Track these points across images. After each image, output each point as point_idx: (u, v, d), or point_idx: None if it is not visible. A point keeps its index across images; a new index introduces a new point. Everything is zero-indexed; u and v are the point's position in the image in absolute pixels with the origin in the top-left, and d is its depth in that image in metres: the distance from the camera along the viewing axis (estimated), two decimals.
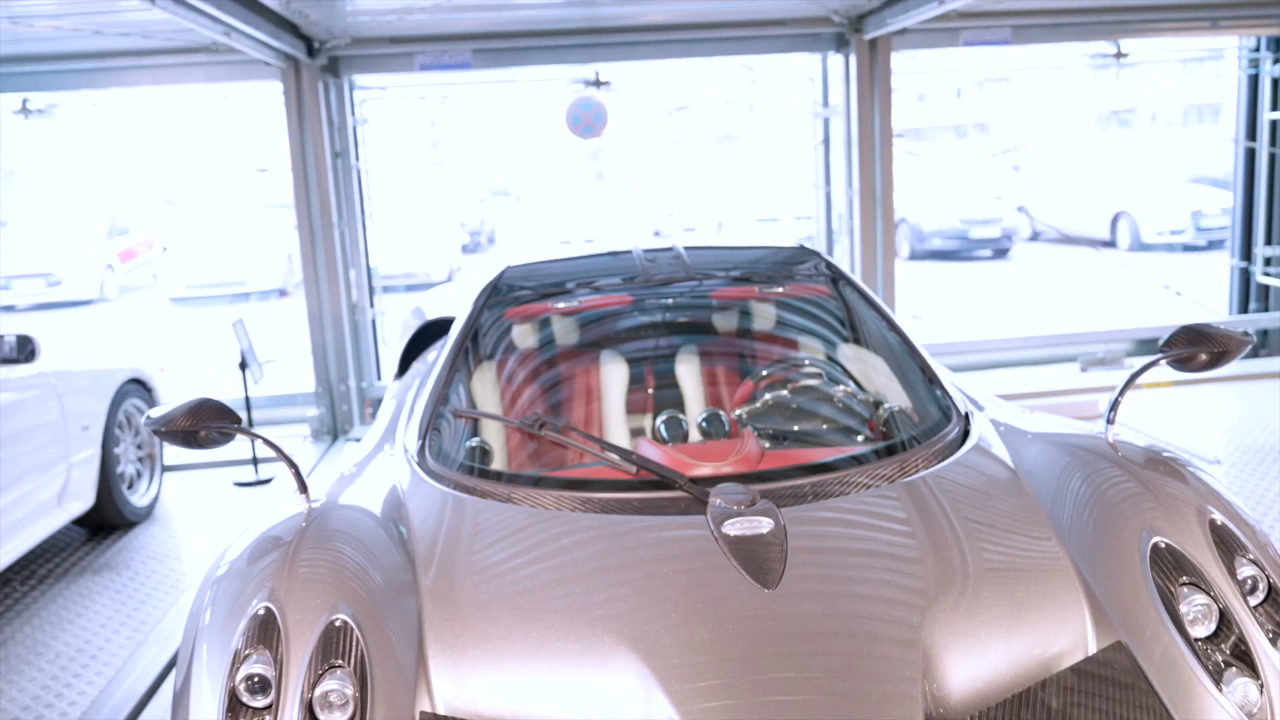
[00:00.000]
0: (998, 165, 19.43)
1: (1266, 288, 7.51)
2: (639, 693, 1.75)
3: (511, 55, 6.13)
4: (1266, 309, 7.48)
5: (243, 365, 5.53)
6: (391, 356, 6.48)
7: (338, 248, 6.05)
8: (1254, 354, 7.38)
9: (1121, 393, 2.44)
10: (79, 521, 4.76)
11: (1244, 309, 7.60)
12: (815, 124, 7.25)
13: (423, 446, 2.65)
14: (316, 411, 6.13)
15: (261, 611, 1.86)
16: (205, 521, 5.07)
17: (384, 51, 5.95)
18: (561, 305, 3.13)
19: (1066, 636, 1.89)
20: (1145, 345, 7.48)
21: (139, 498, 5.00)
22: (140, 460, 5.10)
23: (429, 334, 4.52)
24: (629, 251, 3.37)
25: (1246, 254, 7.62)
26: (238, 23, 4.38)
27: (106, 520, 4.78)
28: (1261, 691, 1.78)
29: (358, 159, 6.35)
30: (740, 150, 21.10)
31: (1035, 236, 16.00)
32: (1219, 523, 2.04)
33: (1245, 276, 7.63)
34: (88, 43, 5.41)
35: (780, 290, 3.21)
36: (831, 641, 1.82)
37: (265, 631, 1.82)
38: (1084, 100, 24.58)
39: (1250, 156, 7.55)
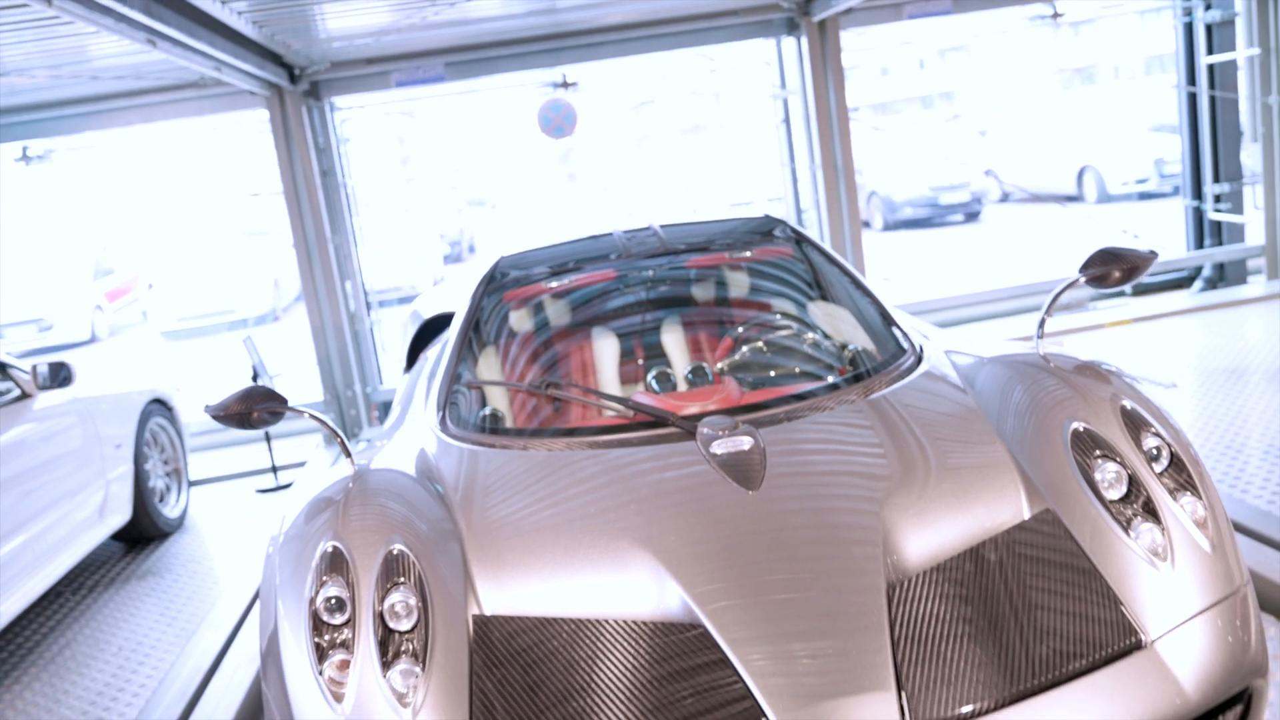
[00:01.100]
0: (964, 131, 19.89)
1: (1219, 223, 7.94)
2: (653, 585, 2.13)
3: (482, 65, 6.51)
4: (1220, 243, 7.91)
5: (254, 379, 5.89)
6: (392, 361, 6.85)
7: (333, 261, 6.42)
8: (1212, 286, 7.83)
9: (1047, 310, 2.85)
10: (116, 536, 5.12)
11: (1200, 245, 8.03)
12: (775, 105, 7.64)
13: (443, 417, 3.03)
14: (328, 417, 6.48)
15: (329, 549, 2.23)
16: (233, 528, 5.43)
17: (361, 72, 6.32)
18: (554, 285, 3.52)
19: (1004, 509, 2.29)
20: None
21: (170, 509, 5.35)
22: (168, 475, 5.46)
23: (430, 331, 4.90)
24: (610, 234, 3.76)
25: (1198, 193, 8.06)
26: (227, 57, 4.75)
27: (143, 533, 5.13)
28: (1164, 535, 2.18)
29: (343, 176, 6.72)
30: (707, 139, 21.50)
31: (1005, 198, 16.45)
32: (1129, 408, 2.44)
33: (1199, 215, 8.07)
34: (85, 88, 5.76)
35: (749, 255, 3.61)
36: (804, 532, 2.21)
37: (335, 563, 2.19)
38: (1044, 61, 25.08)
39: (1193, 101, 7.98)
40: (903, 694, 1.86)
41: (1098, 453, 2.33)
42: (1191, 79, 7.93)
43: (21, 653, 4.11)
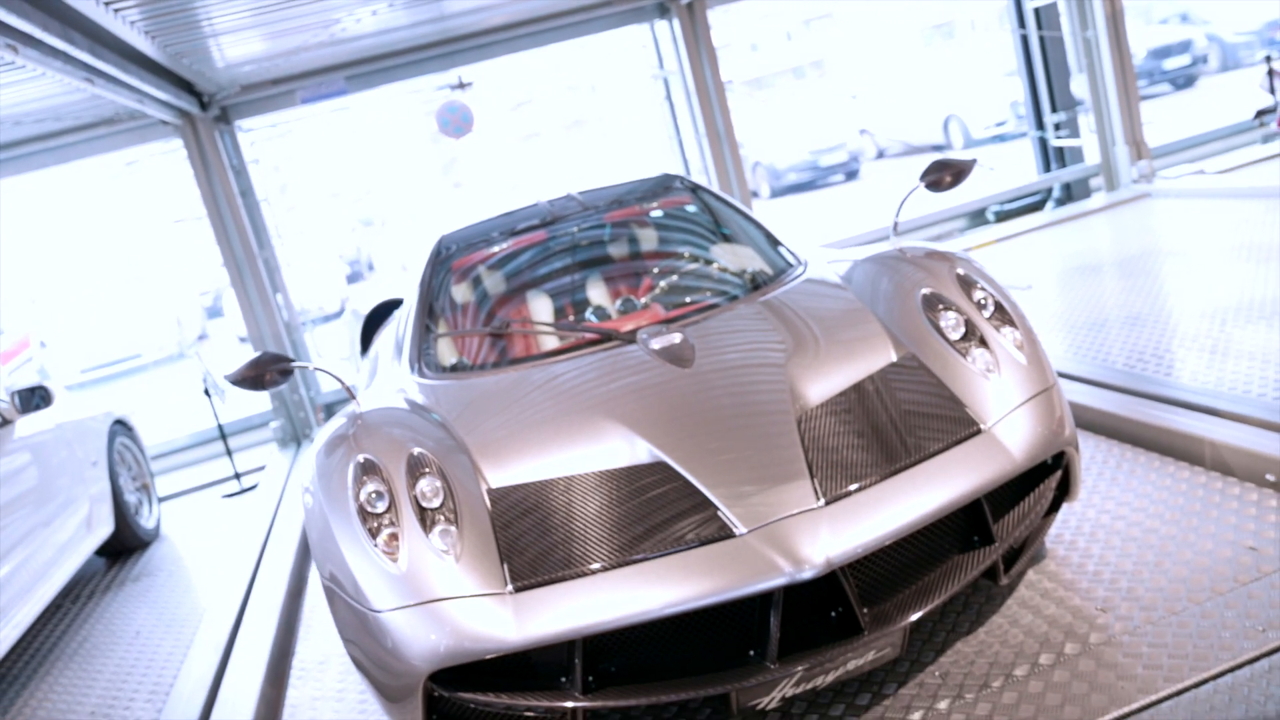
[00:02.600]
0: (836, 96, 21.06)
1: (1061, 149, 9.05)
2: (625, 445, 2.84)
3: (380, 75, 7.10)
4: (1064, 165, 9.02)
5: (206, 393, 6.37)
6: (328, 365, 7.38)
7: (263, 274, 6.92)
8: (1061, 203, 8.92)
9: (898, 213, 3.67)
10: (99, 551, 5.57)
11: (1047, 169, 9.13)
12: (656, 85, 8.42)
13: (418, 369, 3.68)
14: (278, 423, 7.01)
15: (361, 460, 2.87)
16: (207, 532, 5.92)
17: (268, 94, 6.84)
18: (495, 250, 4.20)
19: (877, 357, 3.08)
20: (974, 217, 8.93)
21: (146, 521, 5.82)
22: (138, 490, 5.91)
23: (374, 322, 5.52)
24: (535, 204, 4.45)
25: (1040, 125, 9.15)
26: (151, 89, 5.25)
27: (125, 544, 5.59)
28: (992, 356, 3.00)
29: (259, 194, 7.22)
30: (590, 131, 22.20)
31: (881, 154, 17.64)
32: (962, 273, 3.27)
33: (1043, 144, 9.17)
34: (5, 134, 6.13)
35: (656, 205, 4.35)
36: (732, 390, 2.96)
37: (368, 469, 2.84)
38: (905, 21, 26.56)
39: (1026, 43, 9.07)
40: (814, 480, 2.63)
41: (941, 307, 3.14)
42: (1022, 23, 9.02)
43: (44, 651, 4.59)
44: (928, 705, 2.68)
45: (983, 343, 3.06)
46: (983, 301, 3.18)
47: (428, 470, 2.83)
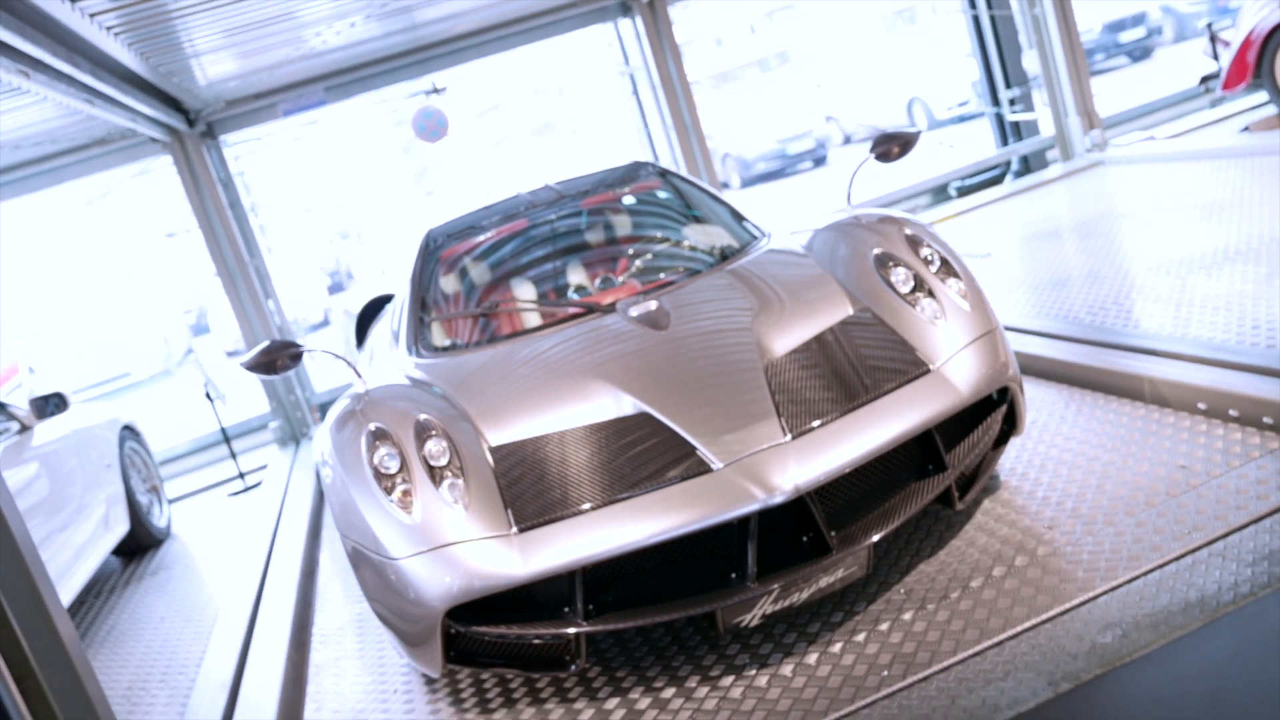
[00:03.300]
0: (802, 85, 21.43)
1: (1017, 123, 9.41)
2: (611, 401, 3.14)
3: (358, 85, 7.38)
4: (1020, 139, 9.38)
5: (208, 396, 6.63)
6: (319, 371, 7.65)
7: (255, 282, 7.19)
8: (1020, 175, 9.28)
9: (850, 184, 3.99)
10: (115, 551, 5.83)
11: (1005, 143, 9.49)
12: (623, 82, 8.73)
13: (416, 351, 3.98)
14: (276, 423, 7.28)
15: (373, 429, 3.17)
16: (218, 527, 6.19)
17: (250, 108, 7.11)
18: (481, 238, 4.50)
19: (835, 312, 3.39)
20: (938, 193, 9.28)
21: (158, 520, 6.09)
22: (149, 492, 6.18)
23: (369, 315, 5.80)
24: (516, 195, 4.75)
25: (996, 101, 9.51)
26: (144, 108, 5.51)
27: (140, 542, 5.86)
28: (939, 305, 3.32)
29: (247, 205, 7.49)
30: (559, 133, 22.46)
31: (848, 140, 17.99)
32: (910, 234, 3.59)
33: (1000, 119, 9.53)
34: (5, 158, 6.37)
35: (628, 190, 4.66)
36: (705, 347, 3.27)
37: (380, 436, 3.13)
38: (867, 8, 26.94)
39: (978, 22, 9.42)
40: (781, 419, 2.94)
41: (892, 264, 3.47)
42: (973, 3, 9.37)
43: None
44: (894, 617, 2.99)
45: (930, 294, 3.38)
46: (929, 258, 3.51)
47: (434, 433, 3.13)
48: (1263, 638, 2.46)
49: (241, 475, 6.78)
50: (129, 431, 6.08)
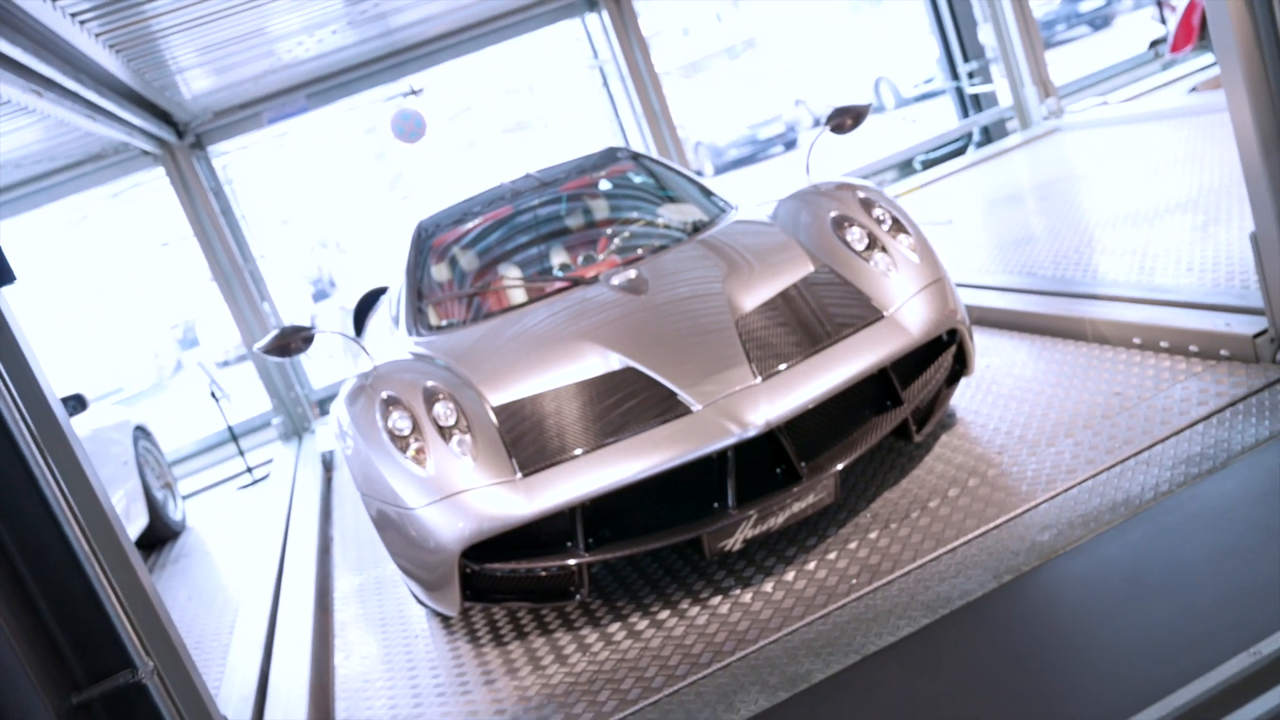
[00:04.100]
0: (770, 71, 21.82)
1: (976, 96, 9.82)
2: (599, 359, 3.51)
3: (338, 90, 7.71)
4: (980, 110, 9.79)
5: (213, 396, 6.97)
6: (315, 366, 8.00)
7: (250, 285, 7.52)
8: (981, 145, 9.68)
9: (809, 156, 4.37)
10: (135, 543, 6.16)
11: (966, 115, 9.90)
12: (593, 76, 9.09)
13: (416, 331, 4.33)
14: (279, 419, 7.62)
15: (385, 397, 3.53)
16: (231, 519, 6.53)
17: (237, 118, 7.44)
18: (470, 225, 4.86)
19: (798, 270, 3.77)
20: (903, 167, 9.68)
21: (174, 514, 6.43)
22: (163, 488, 6.51)
23: (365, 307, 6.15)
24: (500, 185, 5.11)
25: (955, 75, 9.92)
26: (139, 121, 5.84)
27: (158, 534, 6.20)
28: (890, 259, 3.70)
29: (237, 211, 7.82)
30: (533, 130, 22.76)
31: (817, 122, 18.38)
32: (863, 197, 3.98)
33: (960, 92, 9.93)
34: (6, 176, 6.68)
35: (605, 174, 5.02)
36: (681, 307, 3.64)
37: (392, 402, 3.49)
38: None
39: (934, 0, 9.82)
40: (752, 364, 3.32)
41: (847, 225, 3.85)
42: None
43: None
44: (861, 537, 3.38)
45: (883, 250, 3.76)
46: (881, 217, 3.89)
47: (440, 397, 3.49)
48: (1177, 525, 2.85)
49: (249, 469, 7.12)
50: (141, 431, 6.41)
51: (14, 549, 2.12)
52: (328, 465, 6.71)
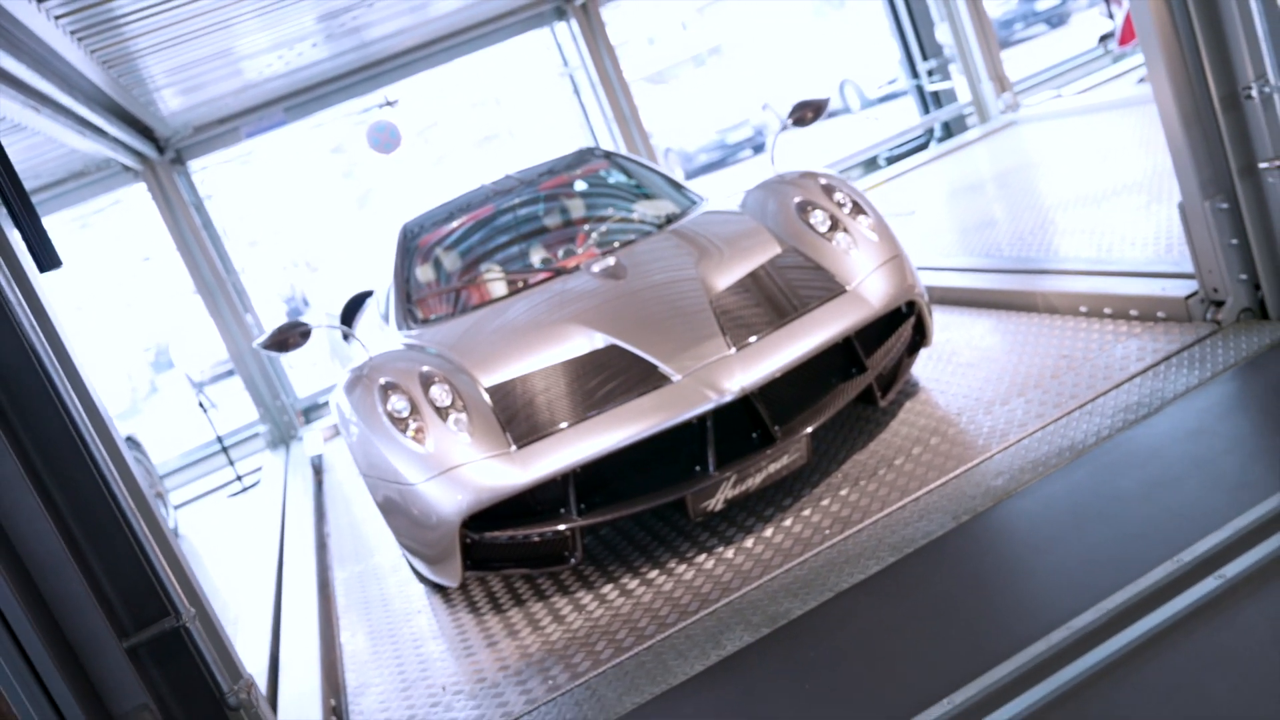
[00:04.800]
0: (736, 77, 22.25)
1: (936, 92, 10.22)
2: (584, 339, 3.80)
3: (315, 103, 7.98)
4: (940, 106, 10.19)
5: (201, 406, 7.19)
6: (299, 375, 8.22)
7: (234, 297, 7.76)
8: (943, 139, 10.08)
9: (772, 149, 4.70)
10: None
11: (927, 112, 10.30)
12: (564, 83, 9.40)
13: (406, 325, 4.61)
14: (265, 427, 7.85)
15: (383, 383, 3.81)
16: (223, 527, 6.75)
17: (215, 133, 7.69)
18: (453, 225, 5.14)
19: (766, 252, 4.08)
20: (868, 164, 10.06)
21: (167, 522, 6.63)
22: (155, 498, 6.71)
23: (352, 310, 6.41)
24: (480, 186, 5.40)
25: (916, 73, 10.32)
26: (125, 137, 6.08)
27: None
28: (850, 238, 4.02)
29: (215, 225, 8.06)
30: (503, 142, 23.05)
31: (785, 126, 18.81)
32: (824, 183, 4.31)
33: (920, 90, 10.33)
34: None
35: (580, 173, 5.33)
36: (658, 290, 3.94)
37: (390, 387, 3.77)
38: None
39: (892, 1, 10.22)
40: (725, 336, 3.63)
41: (811, 208, 4.17)
42: None
43: None
44: (834, 494, 3.69)
45: (844, 230, 4.09)
46: (841, 201, 4.22)
47: (437, 380, 3.77)
48: (1115, 464, 3.18)
49: (239, 477, 7.34)
50: (131, 442, 6.62)
51: (66, 511, 2.38)
52: (318, 469, 6.95)
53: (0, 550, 2.12)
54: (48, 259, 2.49)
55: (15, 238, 2.56)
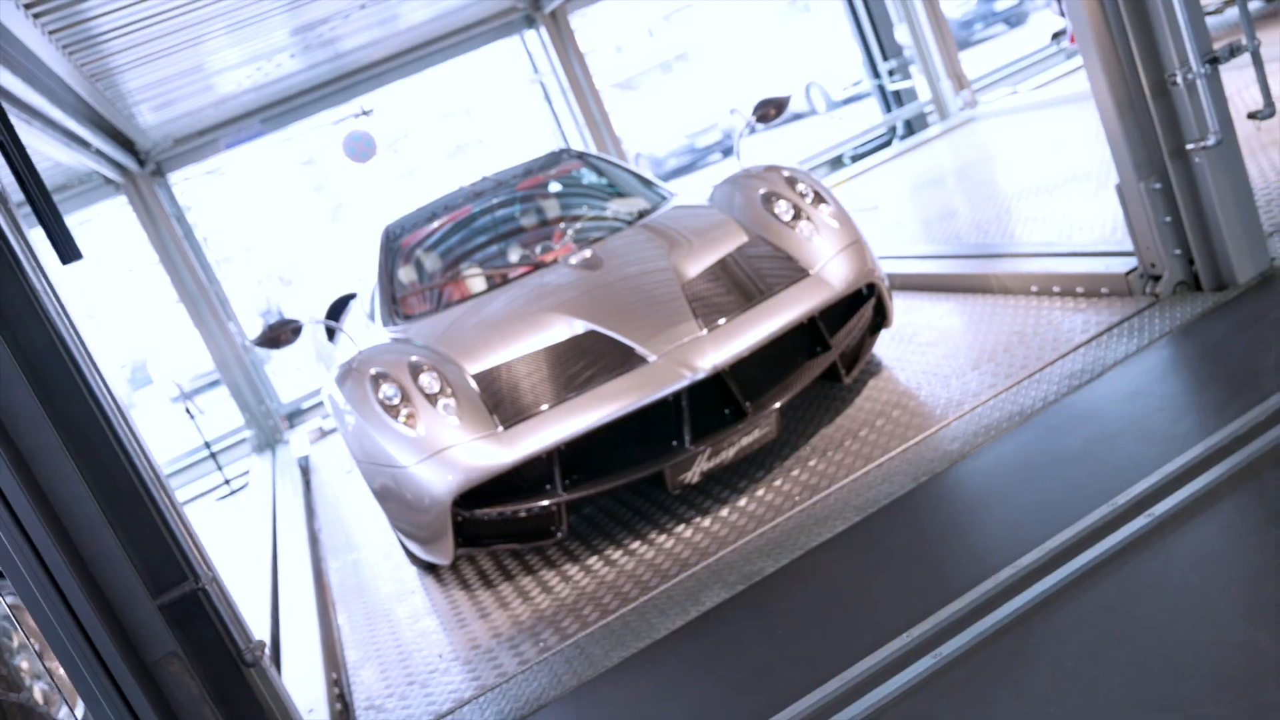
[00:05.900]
0: (704, 82, 22.58)
1: (897, 91, 10.54)
2: (565, 326, 4.03)
3: (292, 114, 8.18)
4: (901, 104, 10.51)
5: (188, 412, 7.35)
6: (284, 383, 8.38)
7: (216, 305, 7.93)
8: (905, 137, 10.40)
9: (737, 144, 4.95)
10: None
11: (889, 111, 10.61)
12: (535, 90, 9.64)
13: (392, 322, 4.83)
14: (251, 432, 8.01)
15: (374, 373, 4.02)
16: (214, 528, 6.91)
17: (194, 145, 7.86)
18: (435, 224, 5.36)
19: (733, 241, 4.33)
20: (833, 163, 10.36)
21: None
22: None
23: (336, 312, 6.60)
24: (459, 189, 5.62)
25: (877, 73, 10.63)
26: (108, 149, 6.26)
27: None
28: (812, 225, 4.28)
29: (196, 235, 8.23)
30: (474, 152, 23.24)
31: (750, 125, 19.14)
32: (788, 175, 4.57)
33: (882, 89, 10.65)
34: None
35: (554, 173, 5.57)
36: (632, 279, 4.18)
37: (381, 377, 3.98)
38: (760, 2, 28.25)
39: (852, 4, 10.54)
40: (697, 319, 3.87)
41: (775, 199, 4.43)
42: None
43: None
44: (802, 465, 3.93)
45: (807, 219, 4.34)
46: (804, 191, 4.48)
47: (425, 368, 3.99)
48: (1060, 425, 3.44)
49: (227, 481, 7.50)
50: None
51: (92, 484, 2.58)
52: (305, 470, 7.12)
53: (44, 514, 2.31)
54: (69, 251, 2.68)
55: (38, 235, 2.75)
